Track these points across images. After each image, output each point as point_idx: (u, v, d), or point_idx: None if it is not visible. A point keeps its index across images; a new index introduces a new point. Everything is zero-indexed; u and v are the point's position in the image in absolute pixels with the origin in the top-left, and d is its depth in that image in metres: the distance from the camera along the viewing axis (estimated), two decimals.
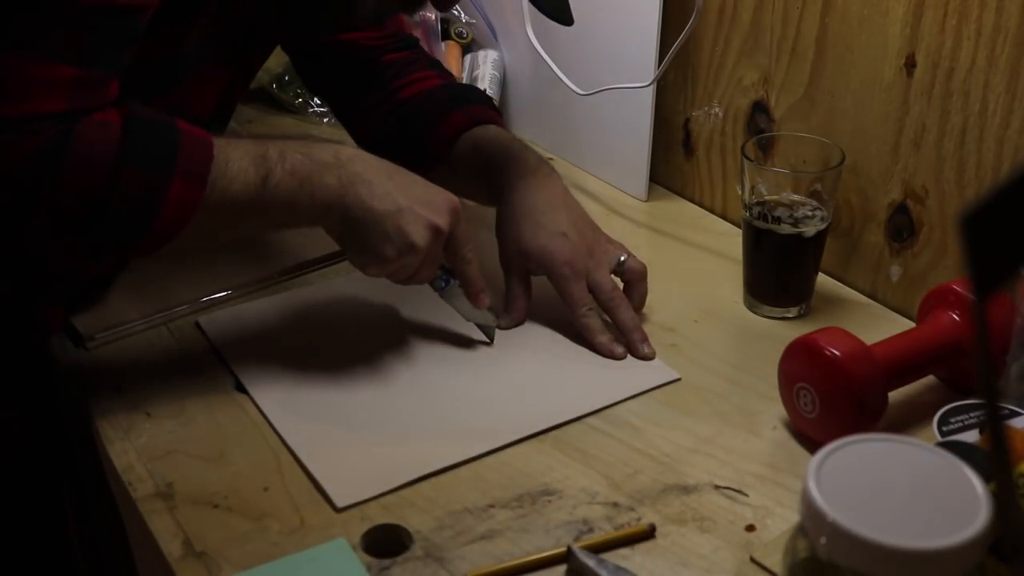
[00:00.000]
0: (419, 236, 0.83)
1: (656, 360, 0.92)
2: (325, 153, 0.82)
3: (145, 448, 0.82)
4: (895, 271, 0.99)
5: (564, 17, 0.93)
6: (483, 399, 0.88)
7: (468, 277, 0.90)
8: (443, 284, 0.91)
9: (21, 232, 0.74)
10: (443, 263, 0.89)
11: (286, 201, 0.80)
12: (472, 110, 1.04)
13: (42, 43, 0.69)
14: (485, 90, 1.31)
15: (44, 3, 0.69)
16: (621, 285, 0.96)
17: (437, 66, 1.10)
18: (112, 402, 0.87)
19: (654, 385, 0.89)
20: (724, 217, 1.17)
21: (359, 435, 0.83)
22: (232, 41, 0.92)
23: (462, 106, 1.04)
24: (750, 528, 0.74)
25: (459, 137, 1.02)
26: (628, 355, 0.92)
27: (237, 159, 0.78)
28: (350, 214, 0.82)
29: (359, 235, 0.83)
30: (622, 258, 0.96)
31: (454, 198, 0.87)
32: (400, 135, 1.04)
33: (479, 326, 0.94)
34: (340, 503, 0.76)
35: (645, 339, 0.93)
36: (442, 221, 0.84)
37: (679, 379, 0.90)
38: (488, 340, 0.94)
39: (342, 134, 1.38)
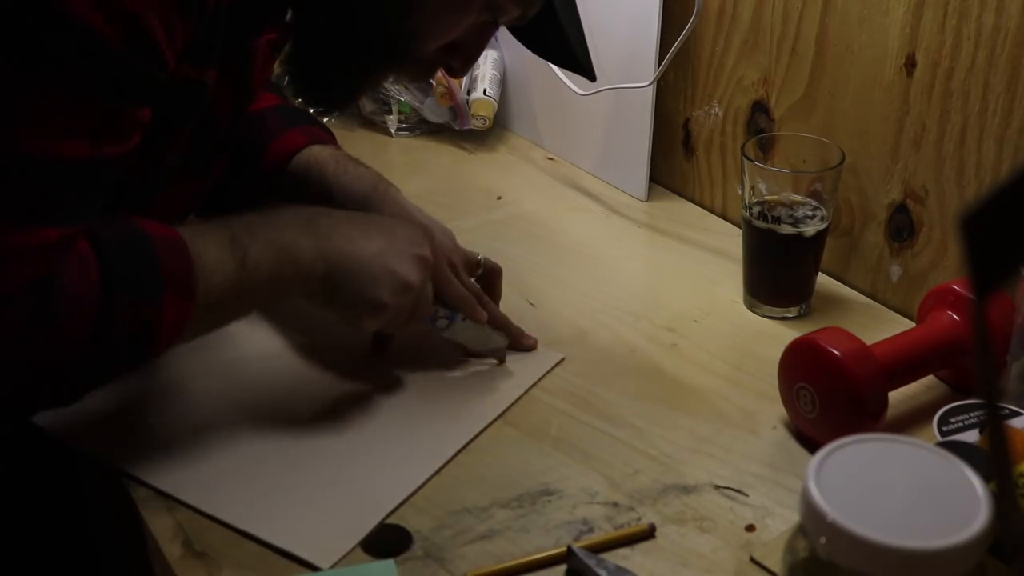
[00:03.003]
0: (410, 272, 0.80)
1: (539, 349, 0.93)
2: (291, 217, 0.79)
3: None
4: (895, 271, 0.99)
5: (588, 73, 0.95)
6: (402, 425, 0.84)
7: (458, 296, 0.87)
8: (449, 318, 0.87)
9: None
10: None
11: (268, 277, 0.75)
12: (309, 130, 0.99)
13: (16, 208, 0.63)
14: (484, 90, 1.32)
15: (13, 164, 0.63)
16: None
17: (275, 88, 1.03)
18: None
19: (545, 372, 0.90)
20: (724, 217, 1.17)
21: (300, 492, 0.77)
22: (200, 155, 0.85)
23: (297, 125, 0.99)
24: (750, 528, 0.74)
25: (296, 155, 0.96)
26: (508, 353, 0.92)
27: (210, 250, 0.73)
28: (334, 269, 0.78)
29: (347, 288, 0.79)
30: (480, 258, 0.95)
31: (425, 222, 0.84)
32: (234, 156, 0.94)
33: (490, 352, 0.91)
34: (324, 565, 0.70)
35: (522, 331, 0.93)
36: (426, 251, 0.82)
37: (563, 359, 0.92)
38: (500, 361, 0.91)
39: (341, 133, 1.38)
